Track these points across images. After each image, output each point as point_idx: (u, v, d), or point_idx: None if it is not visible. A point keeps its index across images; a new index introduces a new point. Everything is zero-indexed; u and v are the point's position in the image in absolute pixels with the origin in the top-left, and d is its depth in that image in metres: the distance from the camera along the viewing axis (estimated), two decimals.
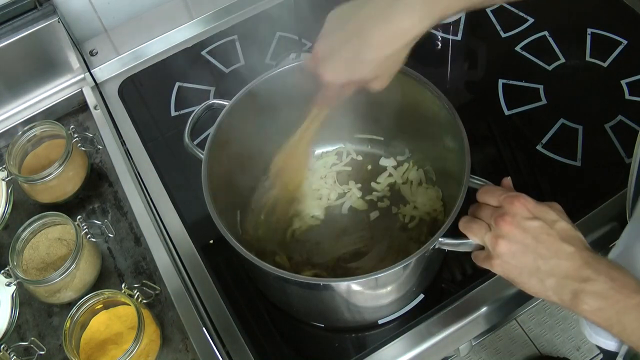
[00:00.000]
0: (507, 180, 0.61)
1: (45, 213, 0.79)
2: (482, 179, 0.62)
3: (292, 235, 0.80)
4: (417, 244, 0.76)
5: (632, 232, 0.64)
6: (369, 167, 0.85)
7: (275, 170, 0.76)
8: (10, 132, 0.95)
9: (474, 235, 0.59)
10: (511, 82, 0.94)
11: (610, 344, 0.64)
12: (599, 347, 0.67)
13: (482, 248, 0.59)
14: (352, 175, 0.85)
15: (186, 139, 0.71)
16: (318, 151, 0.87)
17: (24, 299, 0.80)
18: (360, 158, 0.86)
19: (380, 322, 0.74)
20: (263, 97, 0.74)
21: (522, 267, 0.55)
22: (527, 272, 0.55)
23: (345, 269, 0.76)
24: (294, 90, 0.77)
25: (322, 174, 0.85)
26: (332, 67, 0.58)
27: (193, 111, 0.73)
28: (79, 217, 0.79)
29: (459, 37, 1.00)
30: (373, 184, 0.83)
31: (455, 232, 0.60)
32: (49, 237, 0.81)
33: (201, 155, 0.68)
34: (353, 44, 0.56)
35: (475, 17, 1.02)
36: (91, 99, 0.97)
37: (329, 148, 0.87)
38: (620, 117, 0.88)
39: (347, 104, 0.80)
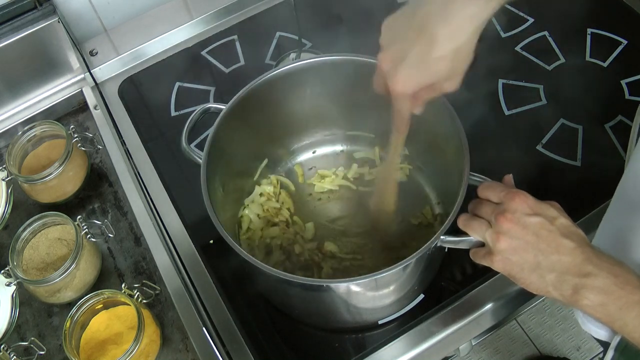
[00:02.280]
0: (509, 177, 0.62)
1: (45, 213, 0.79)
2: (482, 176, 0.63)
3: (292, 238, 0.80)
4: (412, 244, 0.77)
5: (616, 212, 0.64)
6: (367, 168, 0.85)
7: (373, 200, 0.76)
8: (10, 132, 0.95)
9: (475, 233, 0.59)
10: (511, 82, 0.94)
11: (601, 333, 0.64)
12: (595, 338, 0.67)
13: (481, 245, 0.59)
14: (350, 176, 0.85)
15: (183, 143, 0.71)
16: (318, 152, 0.87)
17: (24, 299, 0.80)
18: (356, 157, 0.86)
19: (380, 322, 0.74)
20: (262, 98, 0.74)
21: (523, 263, 0.55)
22: (528, 268, 0.55)
23: (344, 269, 0.77)
24: (293, 91, 0.77)
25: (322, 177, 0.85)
26: (403, 75, 0.55)
27: (193, 111, 0.73)
28: (79, 217, 0.79)
29: None
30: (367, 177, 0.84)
31: (455, 229, 0.60)
32: (49, 237, 0.81)
33: (199, 160, 0.68)
34: (421, 43, 0.53)
35: None
36: (91, 99, 0.97)
37: (327, 149, 0.87)
38: (620, 117, 0.88)
39: (345, 103, 0.81)
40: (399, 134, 0.65)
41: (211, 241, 0.81)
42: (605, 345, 0.65)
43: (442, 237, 0.60)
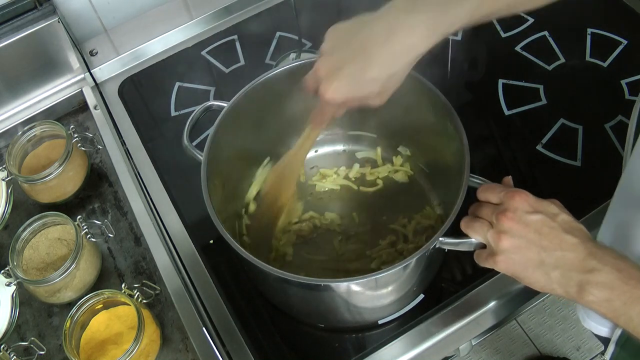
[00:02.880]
0: (508, 179, 0.62)
1: (45, 213, 0.79)
2: (481, 178, 0.62)
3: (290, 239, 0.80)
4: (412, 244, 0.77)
5: (619, 207, 0.64)
6: (369, 168, 0.85)
7: (266, 189, 0.76)
8: (10, 132, 0.95)
9: (476, 234, 0.59)
10: (511, 82, 0.94)
11: (602, 330, 0.64)
12: (595, 334, 0.67)
13: (483, 247, 0.59)
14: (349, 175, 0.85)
15: (185, 141, 0.71)
16: (320, 151, 0.87)
17: (24, 299, 0.80)
18: (358, 157, 0.86)
19: (380, 322, 0.74)
20: (262, 97, 0.74)
21: (526, 262, 0.55)
22: (532, 266, 0.55)
23: (344, 269, 0.77)
24: (293, 91, 0.77)
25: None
26: (335, 86, 0.58)
27: (193, 111, 0.73)
28: (79, 217, 0.79)
29: (458, 37, 0.99)
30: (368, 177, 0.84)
31: (455, 231, 0.60)
32: (49, 237, 0.81)
33: (200, 157, 0.68)
34: (357, 62, 0.56)
35: None
36: (91, 99, 0.97)
37: (328, 149, 0.87)
38: (620, 117, 0.88)
39: None
40: (315, 128, 0.68)
41: (211, 241, 0.81)
42: (605, 341, 0.65)
43: (440, 238, 0.60)
